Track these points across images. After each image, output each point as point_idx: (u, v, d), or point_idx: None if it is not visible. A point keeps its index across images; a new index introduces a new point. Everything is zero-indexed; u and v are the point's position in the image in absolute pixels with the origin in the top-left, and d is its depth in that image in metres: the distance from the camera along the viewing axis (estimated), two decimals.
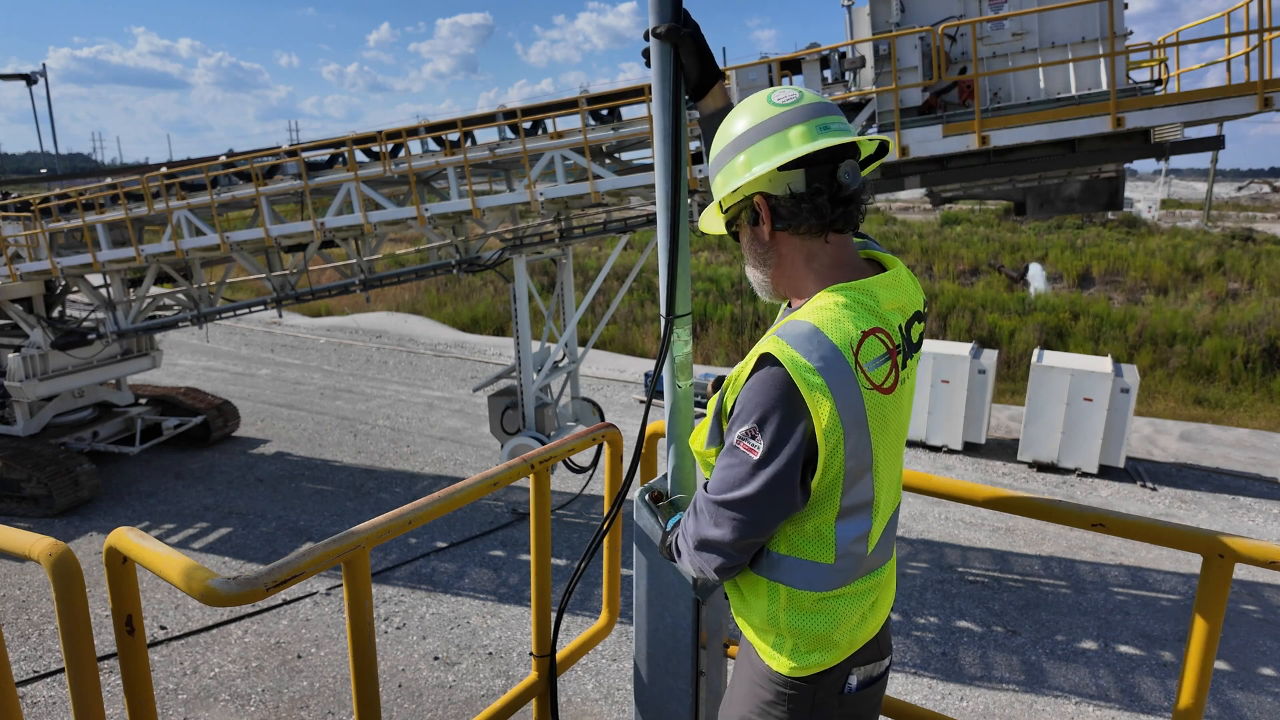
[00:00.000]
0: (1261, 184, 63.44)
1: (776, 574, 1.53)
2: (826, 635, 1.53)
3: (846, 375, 1.34)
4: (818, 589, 1.50)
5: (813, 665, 1.55)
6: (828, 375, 1.33)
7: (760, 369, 1.38)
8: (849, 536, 1.47)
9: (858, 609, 1.55)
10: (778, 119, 1.45)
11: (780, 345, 1.36)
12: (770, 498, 1.41)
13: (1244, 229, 28.72)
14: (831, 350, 1.34)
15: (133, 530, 1.66)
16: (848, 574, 1.51)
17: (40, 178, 18.40)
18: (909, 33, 5.90)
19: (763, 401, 1.37)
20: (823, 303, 1.42)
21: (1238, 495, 8.94)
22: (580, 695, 5.17)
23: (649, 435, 2.42)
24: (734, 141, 1.50)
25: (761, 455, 1.38)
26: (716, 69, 1.87)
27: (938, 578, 6.82)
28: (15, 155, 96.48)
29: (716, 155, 1.56)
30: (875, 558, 1.55)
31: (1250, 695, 5.35)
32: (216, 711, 5.03)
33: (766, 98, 1.49)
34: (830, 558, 1.48)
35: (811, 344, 1.34)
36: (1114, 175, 6.68)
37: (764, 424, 1.37)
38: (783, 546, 1.51)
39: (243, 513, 8.15)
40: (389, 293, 21.06)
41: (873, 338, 1.38)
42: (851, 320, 1.37)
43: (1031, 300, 19.22)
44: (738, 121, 1.51)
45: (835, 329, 1.36)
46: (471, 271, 8.17)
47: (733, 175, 1.49)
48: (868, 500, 1.46)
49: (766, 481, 1.39)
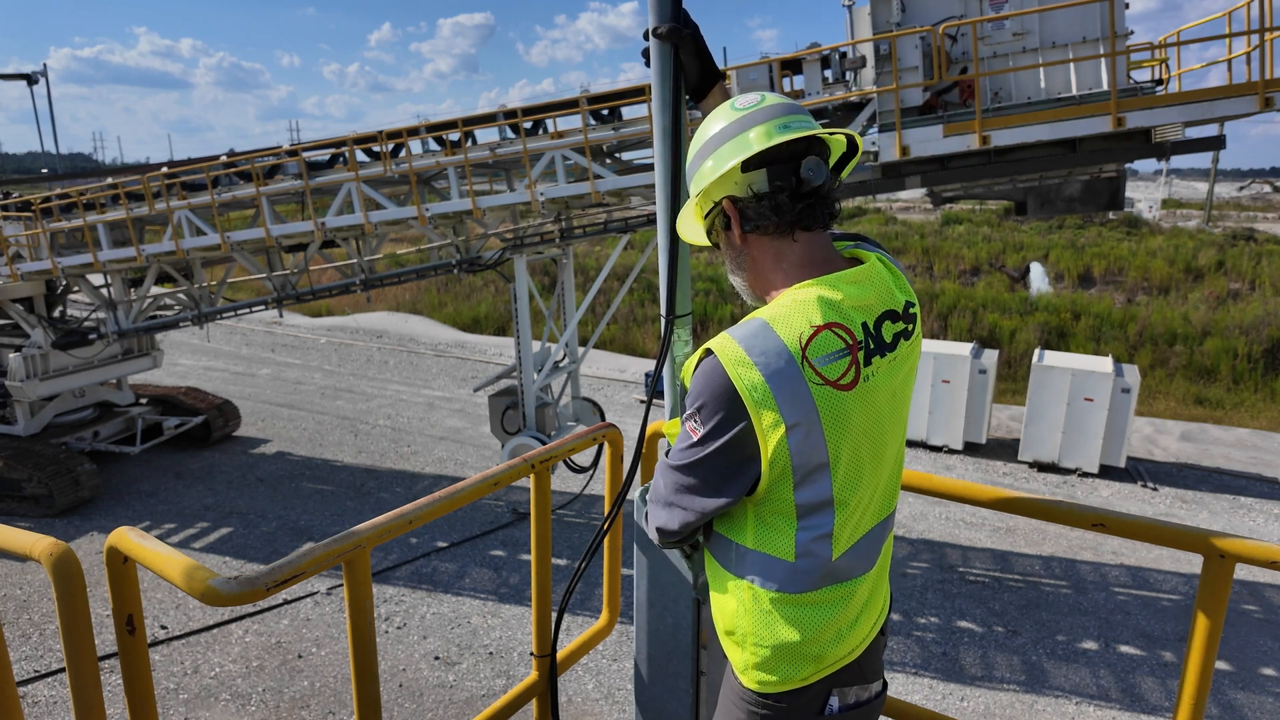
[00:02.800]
0: (1262, 184, 63.39)
1: (742, 568, 1.50)
2: (794, 646, 1.47)
3: (789, 371, 1.33)
4: (782, 588, 1.46)
5: (782, 681, 1.49)
6: (767, 371, 1.32)
7: (703, 360, 1.41)
8: (808, 535, 1.44)
9: (831, 621, 1.49)
10: (738, 122, 1.46)
11: (724, 340, 1.38)
12: (701, 476, 1.44)
13: (1245, 229, 28.71)
14: (775, 345, 1.34)
15: (133, 530, 1.66)
16: (811, 576, 1.46)
17: (41, 177, 18.41)
18: (910, 32, 5.90)
19: (700, 391, 1.40)
20: (781, 299, 1.42)
21: (1238, 495, 8.93)
22: (581, 695, 5.17)
23: (649, 435, 2.42)
24: (701, 148, 1.52)
25: (699, 438, 1.42)
26: (716, 70, 1.88)
27: (938, 578, 6.82)
28: (16, 155, 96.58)
29: (688, 164, 1.58)
30: (846, 564, 1.49)
31: (1251, 695, 5.35)
32: (217, 711, 5.04)
33: (730, 104, 1.51)
34: (790, 554, 1.45)
35: (755, 339, 1.35)
36: (1115, 175, 6.68)
37: (700, 411, 1.41)
38: (749, 539, 1.49)
39: (243, 512, 8.16)
40: (390, 293, 21.06)
41: (827, 332, 1.35)
42: (804, 315, 1.36)
43: (1032, 300, 19.21)
44: (704, 129, 1.54)
45: (784, 324, 1.35)
46: (472, 271, 8.17)
47: (700, 180, 1.51)
48: (825, 500, 1.41)
49: (700, 460, 1.43)
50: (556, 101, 7.21)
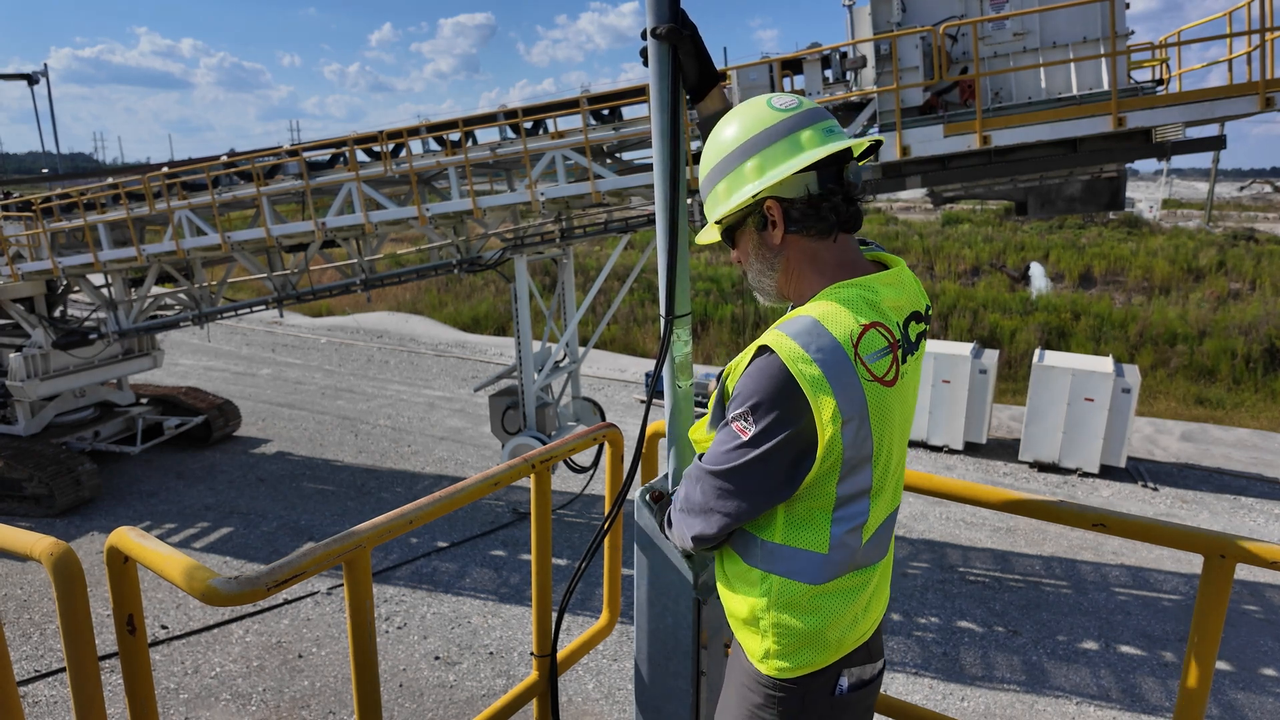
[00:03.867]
0: (1263, 184, 63.36)
1: (770, 564, 1.53)
2: (816, 633, 1.53)
3: (845, 366, 1.36)
4: (810, 580, 1.50)
5: (802, 666, 1.54)
6: (825, 367, 1.35)
7: (758, 358, 1.42)
8: (844, 527, 1.49)
9: (850, 607, 1.55)
10: (785, 123, 1.46)
11: (779, 337, 1.39)
12: (753, 478, 1.44)
13: (1245, 229, 28.69)
14: (831, 342, 1.36)
15: (134, 530, 1.66)
16: (840, 566, 1.51)
17: (42, 177, 18.42)
18: (910, 32, 5.90)
19: (756, 389, 1.40)
20: (824, 299, 1.45)
21: (1239, 495, 8.93)
22: (581, 695, 5.17)
23: (649, 435, 2.42)
24: (740, 148, 1.49)
25: (751, 437, 1.41)
26: (715, 71, 1.87)
27: (939, 578, 6.82)
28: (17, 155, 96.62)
29: (715, 164, 1.55)
30: (869, 552, 1.55)
31: (1252, 696, 5.35)
32: (218, 711, 5.04)
33: (766, 103, 1.50)
34: (824, 547, 1.49)
35: (811, 336, 1.37)
36: (1115, 175, 6.67)
37: (756, 410, 1.40)
38: (777, 535, 1.52)
39: (244, 512, 8.16)
40: (390, 292, 21.06)
41: (873, 331, 1.40)
42: (851, 314, 1.40)
43: (1033, 300, 19.21)
44: (732, 128, 1.52)
45: (835, 322, 1.39)
46: (472, 271, 8.17)
47: (742, 180, 1.49)
48: (865, 489, 1.47)
49: (750, 461, 1.43)
50: (557, 101, 7.21)
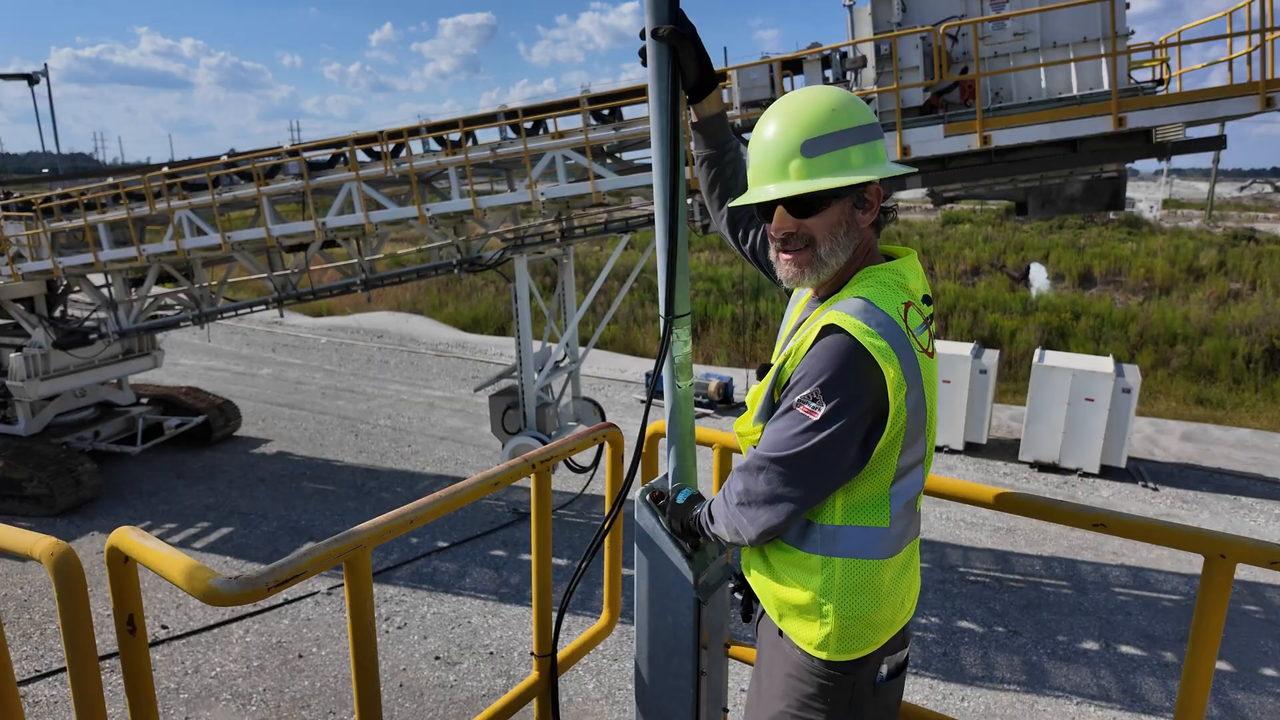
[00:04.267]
0: (1263, 184, 63.36)
1: (831, 547, 1.57)
2: (877, 612, 1.58)
3: (901, 338, 1.46)
4: (875, 555, 1.56)
5: (863, 646, 1.59)
6: (888, 338, 1.43)
7: (823, 338, 1.46)
8: (901, 500, 1.56)
9: (903, 583, 1.63)
10: (879, 126, 1.60)
11: (841, 316, 1.45)
12: (826, 457, 1.48)
13: (1246, 229, 28.69)
14: (886, 317, 1.46)
15: (134, 530, 1.66)
16: (899, 539, 1.58)
17: (42, 177, 18.43)
18: (910, 32, 5.90)
19: (825, 367, 1.45)
20: (862, 282, 1.54)
21: (1239, 496, 8.93)
22: (581, 695, 5.17)
23: (649, 435, 2.42)
24: (873, 128, 1.56)
25: (821, 417, 1.45)
26: (714, 73, 1.87)
27: (939, 578, 6.82)
28: (17, 155, 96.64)
29: (849, 128, 1.52)
30: (916, 524, 1.64)
31: (1252, 696, 5.35)
32: (218, 711, 5.04)
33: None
34: (886, 521, 1.55)
35: (869, 313, 1.45)
36: (1116, 175, 6.67)
37: (827, 388, 1.44)
38: (837, 517, 1.56)
39: (244, 512, 8.16)
40: (390, 292, 21.05)
41: (912, 308, 1.52)
42: (893, 294, 1.51)
43: (1033, 300, 19.20)
44: (866, 109, 1.57)
45: (884, 301, 1.48)
46: (473, 271, 8.18)
47: (877, 157, 1.55)
48: (920, 459, 1.57)
49: (820, 441, 1.46)
50: (557, 101, 7.21)
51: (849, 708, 1.62)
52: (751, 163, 1.61)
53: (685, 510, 1.95)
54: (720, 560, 2.19)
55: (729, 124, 2.01)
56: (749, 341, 17.12)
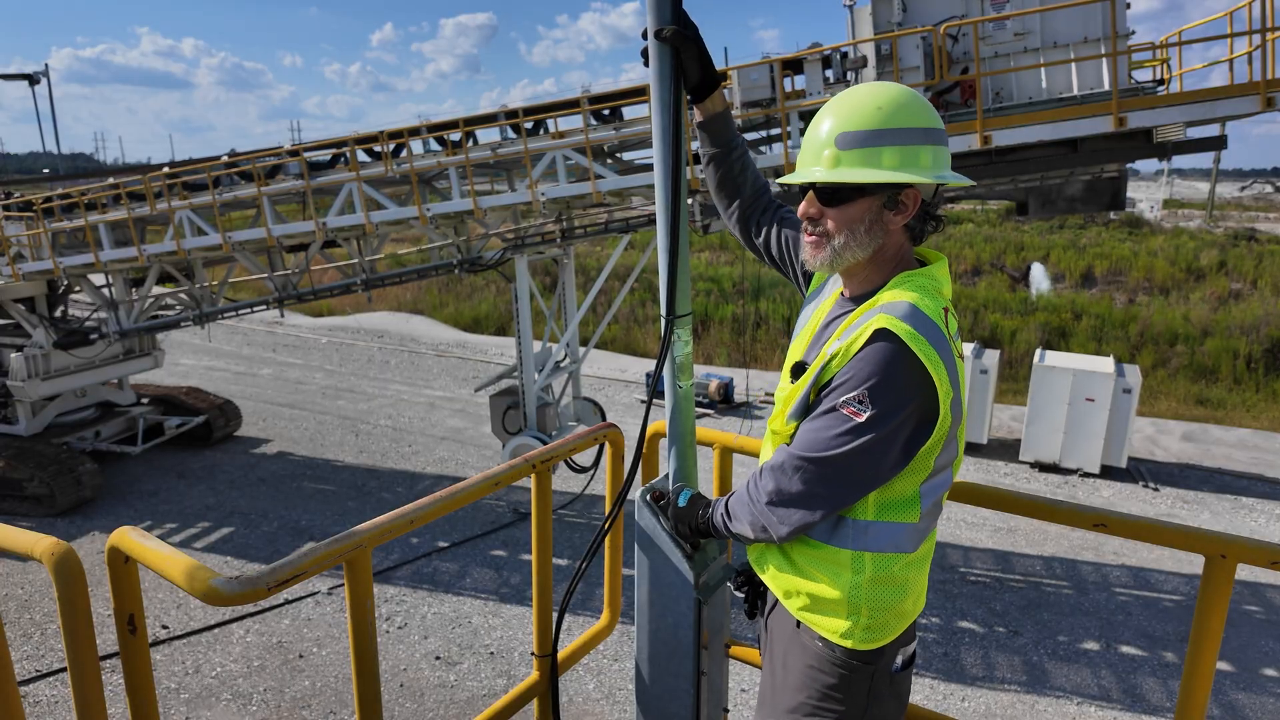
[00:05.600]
0: (1264, 184, 63.34)
1: (863, 543, 1.59)
2: (900, 605, 1.62)
3: (945, 344, 1.48)
4: (903, 550, 1.59)
5: (882, 637, 1.62)
6: (935, 345, 1.46)
7: (874, 342, 1.48)
8: (932, 497, 1.59)
9: (923, 573, 1.67)
10: (941, 133, 1.58)
11: (892, 320, 1.46)
12: (862, 460, 1.50)
13: (1246, 229, 28.69)
14: (931, 323, 1.48)
15: (135, 530, 1.66)
16: (924, 533, 1.62)
17: (43, 177, 18.44)
18: (911, 32, 5.90)
19: (874, 371, 1.46)
20: (903, 285, 1.55)
21: (1240, 496, 8.92)
22: (582, 695, 5.17)
23: (650, 435, 2.42)
24: (923, 131, 1.54)
25: (866, 420, 1.47)
26: (716, 73, 1.88)
27: (940, 578, 6.81)
28: (18, 155, 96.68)
29: (890, 128, 1.52)
30: (937, 518, 1.68)
31: (1253, 696, 5.35)
32: (218, 711, 5.04)
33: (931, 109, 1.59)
34: (916, 517, 1.59)
35: (917, 319, 1.47)
36: (1116, 175, 6.67)
37: (875, 391, 1.46)
38: (870, 513, 1.59)
39: (245, 512, 8.16)
40: (391, 292, 21.05)
41: (949, 313, 1.55)
42: (933, 299, 1.53)
43: (1033, 300, 19.20)
44: (919, 106, 1.55)
45: (926, 305, 1.50)
46: (473, 271, 8.18)
47: (916, 162, 1.52)
48: (953, 457, 1.61)
49: (863, 445, 1.48)
50: (558, 101, 7.21)
51: (869, 696, 1.65)
52: (802, 147, 1.67)
53: (690, 512, 1.95)
54: (720, 560, 2.19)
55: (733, 122, 2.01)
56: (749, 341, 17.12)
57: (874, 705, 1.66)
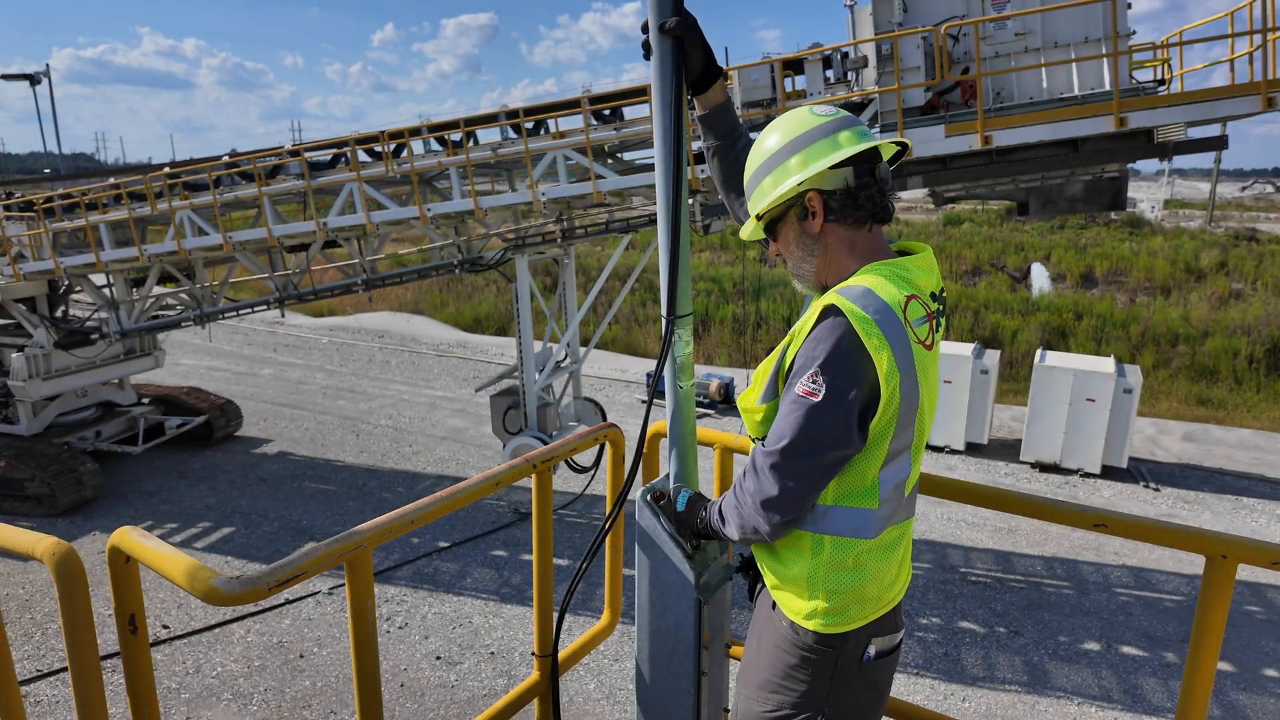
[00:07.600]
0: (1265, 184, 63.31)
1: (822, 525, 1.64)
2: (863, 588, 1.64)
3: (897, 327, 1.51)
4: (864, 535, 1.62)
5: (847, 621, 1.65)
6: (883, 325, 1.49)
7: (824, 320, 1.53)
8: (890, 483, 1.61)
9: (890, 561, 1.68)
10: (825, 126, 1.62)
11: (840, 300, 1.51)
12: (827, 436, 1.53)
13: (1247, 229, 28.67)
14: (883, 305, 1.51)
15: (136, 530, 1.66)
16: (885, 520, 1.64)
17: (44, 177, 18.46)
18: (911, 32, 5.90)
19: (825, 349, 1.51)
20: (865, 274, 1.59)
21: (1241, 496, 8.92)
22: (582, 695, 5.17)
23: (650, 435, 2.42)
24: (783, 148, 1.64)
25: (822, 397, 1.51)
26: (717, 65, 1.92)
27: (940, 578, 6.81)
28: (19, 155, 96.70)
29: (758, 165, 1.69)
30: (907, 507, 1.70)
31: (1253, 696, 5.34)
32: (219, 710, 5.04)
33: (808, 110, 1.66)
34: (875, 503, 1.62)
35: (867, 299, 1.52)
36: (1117, 175, 6.67)
37: (825, 368, 1.50)
38: (829, 498, 1.63)
39: (245, 512, 8.16)
40: (391, 293, 21.06)
41: (913, 301, 1.57)
42: (895, 286, 1.56)
43: (1034, 300, 19.19)
44: (774, 135, 1.67)
45: (884, 290, 1.54)
46: (474, 271, 8.18)
47: (786, 174, 1.63)
48: (908, 444, 1.62)
49: (823, 420, 1.52)
50: (558, 102, 7.21)
51: (831, 681, 1.68)
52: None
53: (690, 515, 1.98)
54: (720, 560, 2.19)
55: (735, 113, 2.04)
56: (750, 342, 17.12)
57: (839, 690, 1.69)
